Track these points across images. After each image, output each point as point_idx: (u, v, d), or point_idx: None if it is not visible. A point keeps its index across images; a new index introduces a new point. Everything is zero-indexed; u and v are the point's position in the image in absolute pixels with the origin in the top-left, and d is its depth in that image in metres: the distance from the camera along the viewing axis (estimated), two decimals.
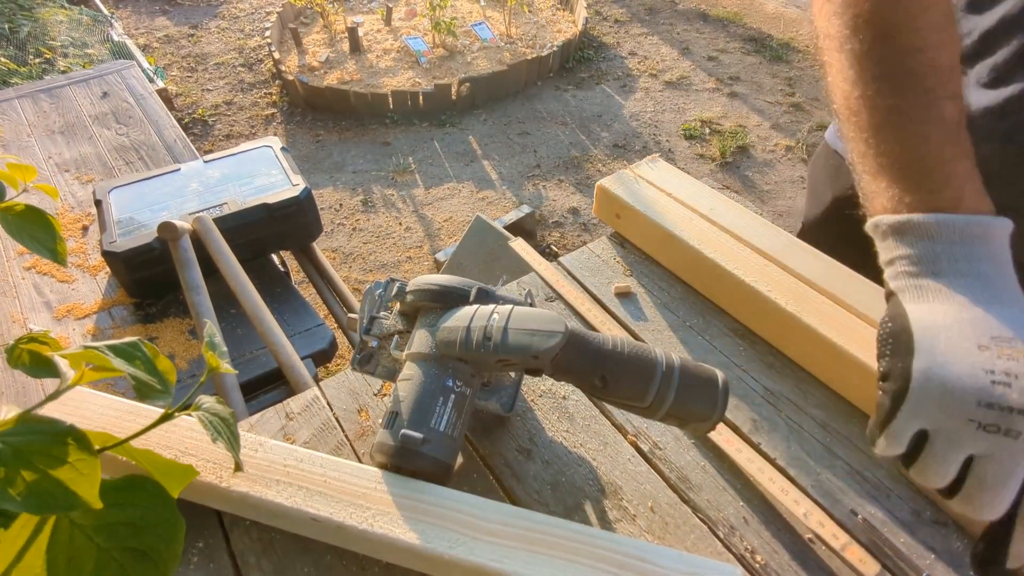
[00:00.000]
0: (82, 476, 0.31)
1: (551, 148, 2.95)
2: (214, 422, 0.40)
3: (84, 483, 0.31)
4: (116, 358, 0.37)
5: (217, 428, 0.39)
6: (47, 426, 0.32)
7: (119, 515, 0.35)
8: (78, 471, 0.31)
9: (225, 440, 0.39)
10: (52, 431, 0.32)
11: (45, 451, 0.31)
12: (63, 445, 0.32)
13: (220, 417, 0.41)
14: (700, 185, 0.73)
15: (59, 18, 2.97)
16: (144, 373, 0.38)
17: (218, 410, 0.41)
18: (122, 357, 0.37)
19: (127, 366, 0.37)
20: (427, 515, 0.44)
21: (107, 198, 1.29)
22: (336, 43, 3.56)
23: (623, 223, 0.74)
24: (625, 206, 0.72)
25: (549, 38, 3.59)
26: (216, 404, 0.41)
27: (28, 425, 0.32)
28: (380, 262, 2.39)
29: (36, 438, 0.32)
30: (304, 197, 1.32)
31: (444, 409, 0.47)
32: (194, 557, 0.48)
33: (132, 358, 0.38)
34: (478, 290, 0.51)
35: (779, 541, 0.48)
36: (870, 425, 0.40)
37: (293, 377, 1.03)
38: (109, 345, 0.37)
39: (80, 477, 0.31)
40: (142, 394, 0.36)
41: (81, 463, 0.31)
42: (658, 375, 0.45)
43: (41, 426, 0.32)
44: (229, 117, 3.20)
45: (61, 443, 0.32)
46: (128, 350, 0.38)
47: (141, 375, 0.37)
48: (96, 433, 0.38)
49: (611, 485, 0.52)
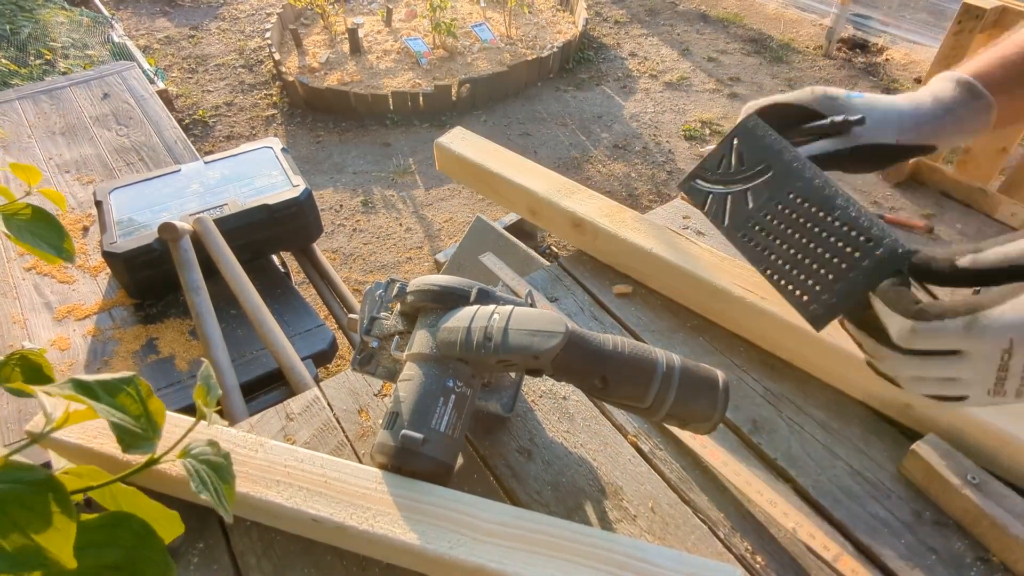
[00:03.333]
0: (57, 532, 0.29)
1: (551, 149, 2.95)
2: (201, 471, 0.36)
3: (58, 540, 0.29)
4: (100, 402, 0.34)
5: (203, 479, 0.36)
6: (27, 474, 0.30)
7: (100, 557, 0.32)
8: (54, 527, 0.29)
9: (211, 494, 0.36)
10: (31, 479, 0.30)
11: (22, 502, 0.29)
12: (42, 495, 0.30)
13: (211, 464, 0.37)
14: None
15: (60, 19, 2.97)
16: (129, 418, 0.35)
17: (209, 456, 0.37)
18: (111, 393, 0.35)
19: (110, 414, 0.34)
20: (427, 515, 0.44)
21: (107, 199, 1.29)
22: (336, 44, 3.57)
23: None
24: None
25: (549, 39, 3.60)
26: (207, 448, 0.38)
27: (9, 472, 0.30)
28: (380, 263, 2.39)
29: (14, 487, 0.30)
30: (304, 198, 1.32)
31: (444, 410, 0.47)
32: (195, 558, 0.48)
33: (122, 394, 0.35)
34: (478, 291, 0.51)
35: (779, 541, 0.48)
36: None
37: (293, 378, 1.04)
38: (100, 381, 0.35)
39: (56, 534, 0.29)
40: (123, 443, 0.33)
41: (57, 518, 0.29)
42: (658, 376, 0.45)
43: (21, 473, 0.30)
44: (229, 118, 3.21)
45: (40, 493, 0.30)
46: (119, 386, 0.35)
47: (125, 422, 0.34)
48: (83, 468, 0.36)
49: (611, 485, 0.52)
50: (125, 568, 0.32)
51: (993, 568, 0.46)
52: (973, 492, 0.47)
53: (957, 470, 0.48)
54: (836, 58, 3.55)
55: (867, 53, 3.56)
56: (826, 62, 3.53)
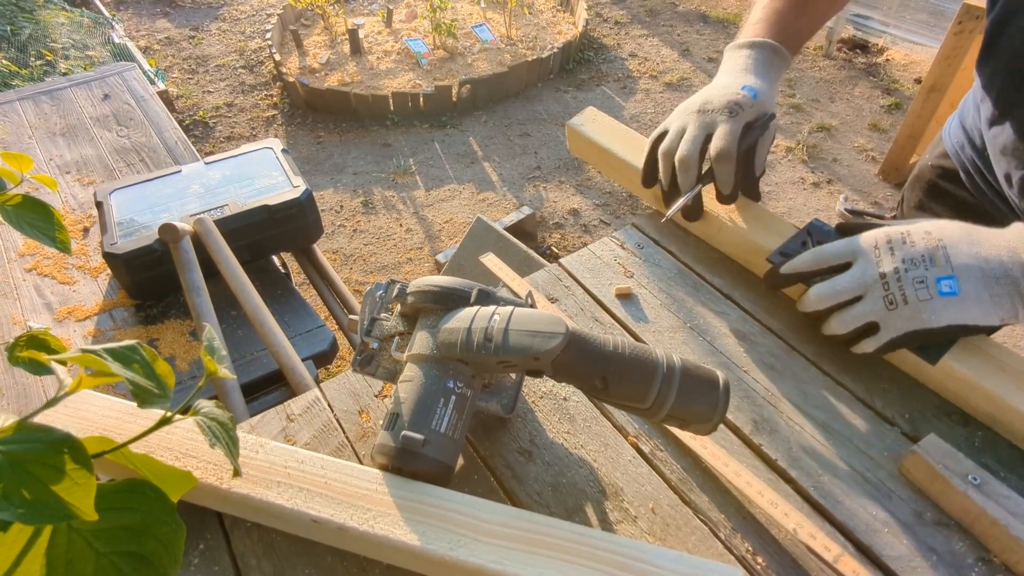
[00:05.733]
0: (77, 486, 0.31)
1: (552, 150, 2.96)
2: (212, 427, 0.39)
3: (79, 493, 0.31)
4: (114, 363, 0.36)
5: (215, 433, 0.39)
6: (44, 435, 0.32)
7: (118, 519, 0.35)
8: (73, 481, 0.31)
9: (223, 445, 0.39)
10: (48, 440, 0.32)
11: (41, 460, 0.31)
12: (59, 454, 0.31)
13: (219, 422, 0.40)
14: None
15: (60, 20, 2.98)
16: (142, 378, 0.37)
17: (217, 414, 0.40)
18: (120, 361, 0.37)
19: (125, 371, 0.36)
20: (428, 516, 0.44)
21: (108, 200, 1.29)
22: (337, 45, 3.57)
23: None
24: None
25: (550, 40, 3.60)
26: (215, 408, 0.41)
27: (25, 433, 0.32)
28: (381, 264, 2.39)
29: (33, 447, 0.31)
30: (305, 199, 1.32)
31: (445, 411, 0.47)
32: (195, 559, 0.48)
33: (130, 362, 0.37)
34: (479, 291, 0.51)
35: (780, 542, 0.48)
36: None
37: (294, 379, 1.04)
38: (107, 348, 0.37)
39: (75, 487, 0.31)
40: (140, 399, 0.36)
41: (76, 473, 0.31)
42: (659, 376, 0.45)
43: (38, 434, 0.32)
44: (230, 119, 3.21)
45: (57, 452, 0.31)
46: (126, 354, 0.38)
47: (139, 380, 0.37)
48: (94, 438, 0.38)
49: (612, 486, 0.52)
50: (140, 530, 0.35)
51: (994, 569, 0.46)
52: (974, 492, 0.47)
53: (958, 470, 0.48)
54: (836, 59, 3.55)
55: (867, 53, 3.56)
56: (826, 62, 3.53)
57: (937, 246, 0.53)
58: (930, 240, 0.53)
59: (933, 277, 0.52)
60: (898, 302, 0.52)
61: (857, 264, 0.55)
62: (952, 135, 0.83)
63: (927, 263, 0.52)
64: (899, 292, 0.52)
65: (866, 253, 0.55)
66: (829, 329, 0.57)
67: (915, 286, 0.52)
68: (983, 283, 0.51)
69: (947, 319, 0.51)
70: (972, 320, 0.51)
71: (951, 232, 0.54)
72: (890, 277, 0.53)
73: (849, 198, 2.51)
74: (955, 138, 0.82)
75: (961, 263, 0.51)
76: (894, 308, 0.52)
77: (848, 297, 0.55)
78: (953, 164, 0.82)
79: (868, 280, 0.54)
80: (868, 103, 3.19)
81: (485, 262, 0.74)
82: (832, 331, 0.57)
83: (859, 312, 0.54)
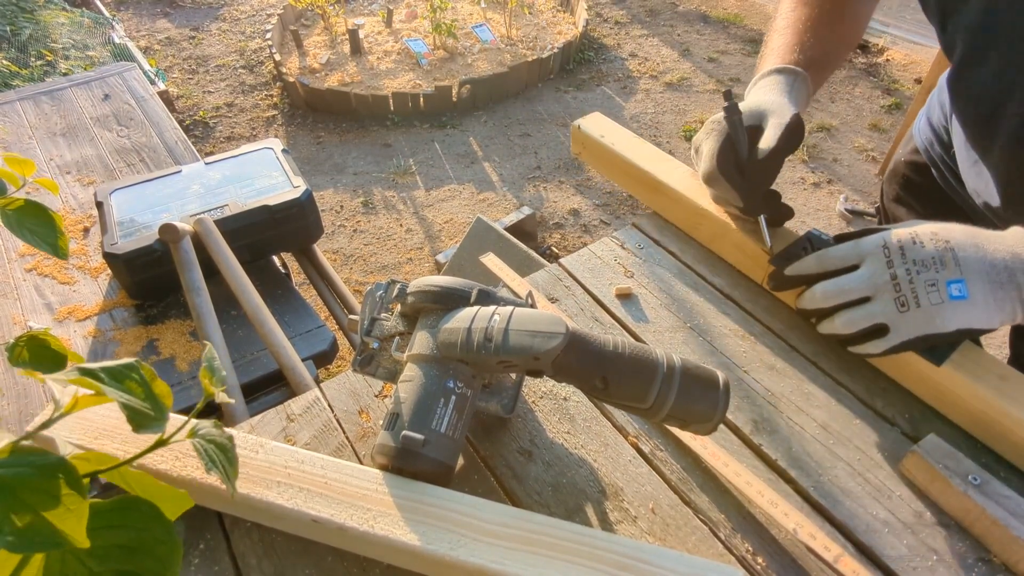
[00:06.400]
0: (70, 512, 0.30)
1: (552, 150, 2.96)
2: (210, 450, 0.38)
3: (71, 520, 0.30)
4: (109, 386, 0.35)
5: (212, 457, 0.38)
6: (37, 458, 0.31)
7: (113, 538, 0.34)
8: (66, 507, 0.30)
9: (220, 470, 0.38)
10: (42, 464, 0.31)
11: (34, 486, 0.30)
12: (53, 479, 0.31)
13: (217, 444, 0.39)
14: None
15: (60, 20, 2.98)
16: (138, 399, 0.36)
17: (215, 435, 0.39)
18: (117, 380, 0.36)
19: (120, 394, 0.35)
20: (428, 516, 0.44)
21: (108, 200, 1.29)
22: (337, 45, 3.57)
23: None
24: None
25: (550, 40, 3.60)
26: (213, 429, 0.40)
27: (19, 456, 0.31)
28: (381, 264, 2.39)
29: (25, 471, 0.30)
30: (305, 199, 1.32)
31: (445, 411, 0.47)
32: (195, 559, 0.48)
33: (127, 380, 0.37)
34: (479, 291, 0.51)
35: (780, 542, 0.48)
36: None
37: (294, 379, 1.04)
38: (105, 368, 0.36)
39: (68, 514, 0.30)
40: (135, 424, 0.35)
41: (70, 499, 0.30)
42: (659, 376, 0.45)
43: (32, 458, 0.31)
44: (230, 119, 3.21)
45: (51, 477, 0.31)
46: (124, 372, 0.37)
47: (135, 403, 0.36)
48: (91, 454, 0.37)
49: (612, 486, 0.52)
50: (135, 548, 0.34)
51: (995, 569, 0.46)
52: (974, 492, 0.47)
53: (958, 470, 0.48)
54: None
55: (867, 54, 3.56)
56: None
57: (946, 248, 0.52)
58: (938, 242, 0.53)
59: (944, 280, 0.51)
60: (910, 304, 0.51)
61: (865, 265, 0.54)
62: (921, 132, 0.84)
63: (937, 265, 0.51)
64: (911, 294, 0.51)
65: (875, 254, 0.54)
66: (833, 328, 0.56)
67: (927, 289, 0.51)
68: (989, 286, 0.50)
69: (957, 323, 0.51)
70: (978, 323, 0.51)
71: (957, 234, 0.53)
72: (901, 279, 0.52)
73: (849, 198, 2.51)
74: (924, 135, 0.83)
75: (970, 266, 0.51)
76: (906, 310, 0.52)
77: (855, 297, 0.54)
78: (924, 159, 0.84)
79: (878, 281, 0.53)
80: (868, 103, 3.19)
81: (485, 262, 0.74)
82: (836, 330, 0.56)
83: (868, 313, 0.53)
